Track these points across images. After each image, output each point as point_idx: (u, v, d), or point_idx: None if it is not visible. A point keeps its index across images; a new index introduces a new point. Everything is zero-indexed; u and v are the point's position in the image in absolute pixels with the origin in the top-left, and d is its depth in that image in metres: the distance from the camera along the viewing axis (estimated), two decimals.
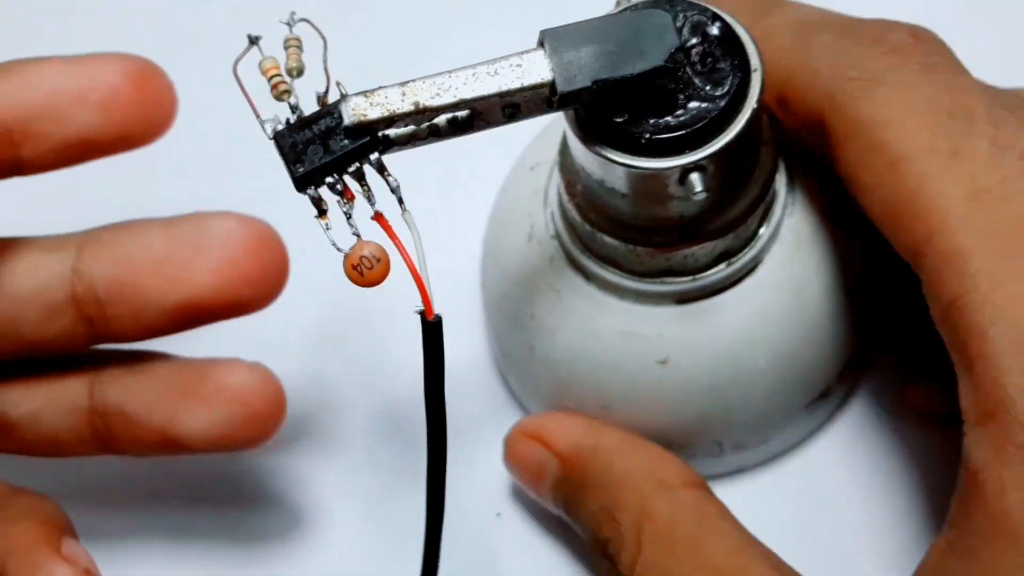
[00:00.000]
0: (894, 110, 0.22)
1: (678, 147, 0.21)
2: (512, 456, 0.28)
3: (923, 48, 0.22)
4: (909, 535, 0.29)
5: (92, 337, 0.26)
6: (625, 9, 0.22)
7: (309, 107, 0.21)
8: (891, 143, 0.22)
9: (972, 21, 0.32)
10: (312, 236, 0.21)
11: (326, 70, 0.22)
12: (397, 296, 0.22)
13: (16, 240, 0.26)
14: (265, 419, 0.25)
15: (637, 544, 0.24)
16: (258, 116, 0.21)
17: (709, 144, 0.21)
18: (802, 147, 0.26)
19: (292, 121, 0.21)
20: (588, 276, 0.26)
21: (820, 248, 0.26)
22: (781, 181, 0.26)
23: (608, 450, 0.26)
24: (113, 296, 0.25)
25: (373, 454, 0.31)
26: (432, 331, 0.21)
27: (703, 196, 0.22)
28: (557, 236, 0.26)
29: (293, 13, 0.22)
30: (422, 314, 0.21)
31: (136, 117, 0.24)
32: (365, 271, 0.21)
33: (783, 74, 0.23)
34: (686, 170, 0.22)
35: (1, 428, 0.26)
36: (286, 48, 0.22)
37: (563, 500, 0.27)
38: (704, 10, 0.22)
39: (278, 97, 0.21)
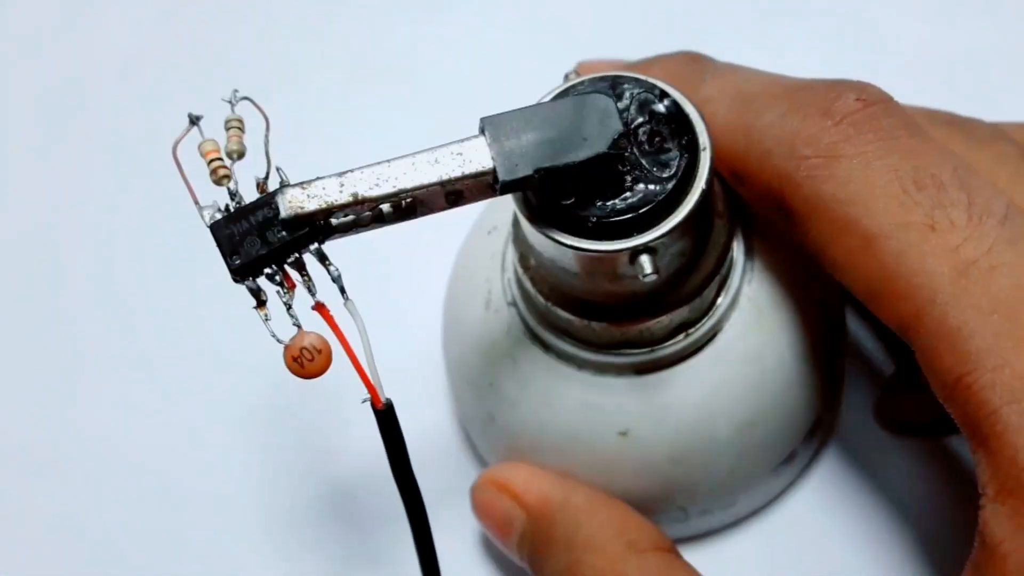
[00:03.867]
0: (857, 186, 0.21)
1: (626, 230, 0.21)
2: (479, 506, 0.27)
3: (872, 112, 0.22)
4: None
5: None
6: (568, 90, 0.22)
7: (249, 190, 0.21)
8: (860, 220, 0.21)
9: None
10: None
11: (267, 153, 0.21)
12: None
13: None
14: None
15: None
16: (197, 203, 0.21)
17: (657, 227, 0.21)
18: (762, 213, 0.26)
19: (231, 207, 0.20)
20: (546, 346, 0.26)
21: (780, 315, 0.26)
22: (739, 249, 0.25)
23: (575, 507, 0.25)
24: None
25: (329, 534, 0.31)
26: (385, 418, 0.21)
27: (653, 278, 0.21)
28: (514, 303, 0.26)
29: (235, 91, 0.22)
30: (372, 403, 0.21)
31: None
32: (306, 363, 0.20)
33: (732, 153, 0.23)
34: (635, 252, 0.21)
35: None
36: (227, 129, 0.22)
37: (529, 555, 0.26)
38: (651, 87, 0.22)
39: (217, 182, 0.21)
